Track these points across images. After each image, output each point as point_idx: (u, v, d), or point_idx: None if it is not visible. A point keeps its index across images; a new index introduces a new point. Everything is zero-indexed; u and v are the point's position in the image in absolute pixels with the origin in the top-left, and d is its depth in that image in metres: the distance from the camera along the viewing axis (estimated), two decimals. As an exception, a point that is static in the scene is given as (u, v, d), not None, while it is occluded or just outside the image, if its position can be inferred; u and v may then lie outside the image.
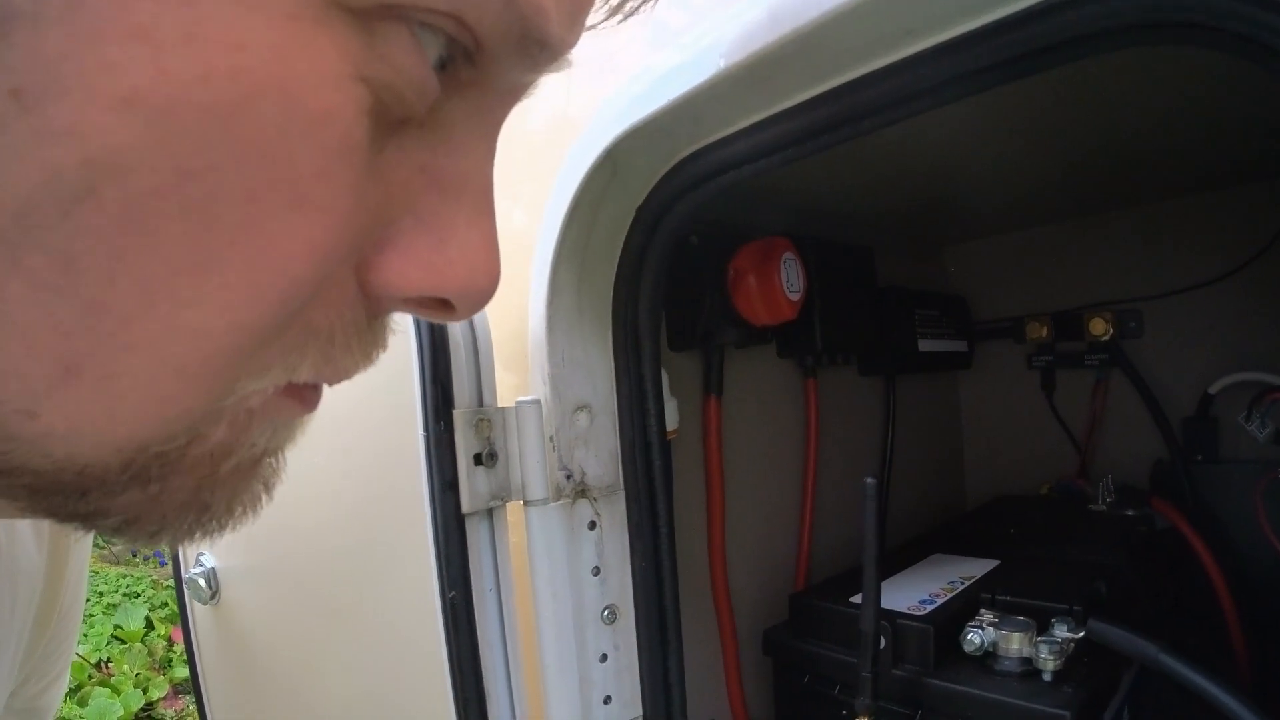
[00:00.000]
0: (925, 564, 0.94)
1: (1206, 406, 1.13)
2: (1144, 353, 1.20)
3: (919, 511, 1.27)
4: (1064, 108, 0.76)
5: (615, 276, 0.69)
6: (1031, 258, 1.32)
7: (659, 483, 0.71)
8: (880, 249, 1.17)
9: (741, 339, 0.86)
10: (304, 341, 0.25)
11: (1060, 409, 1.28)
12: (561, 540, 0.67)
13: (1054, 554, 0.95)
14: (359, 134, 0.22)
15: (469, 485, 0.62)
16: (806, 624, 0.86)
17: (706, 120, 0.58)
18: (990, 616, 0.76)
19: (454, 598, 0.63)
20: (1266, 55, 0.37)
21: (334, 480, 0.77)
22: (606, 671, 0.70)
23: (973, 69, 0.47)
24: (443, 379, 0.62)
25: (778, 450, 1.02)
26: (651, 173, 0.64)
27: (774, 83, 0.52)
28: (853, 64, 0.50)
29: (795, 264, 0.84)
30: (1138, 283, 1.19)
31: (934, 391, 1.37)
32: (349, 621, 0.80)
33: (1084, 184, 1.09)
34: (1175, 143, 0.90)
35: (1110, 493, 1.12)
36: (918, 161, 0.88)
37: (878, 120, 0.52)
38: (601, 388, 0.70)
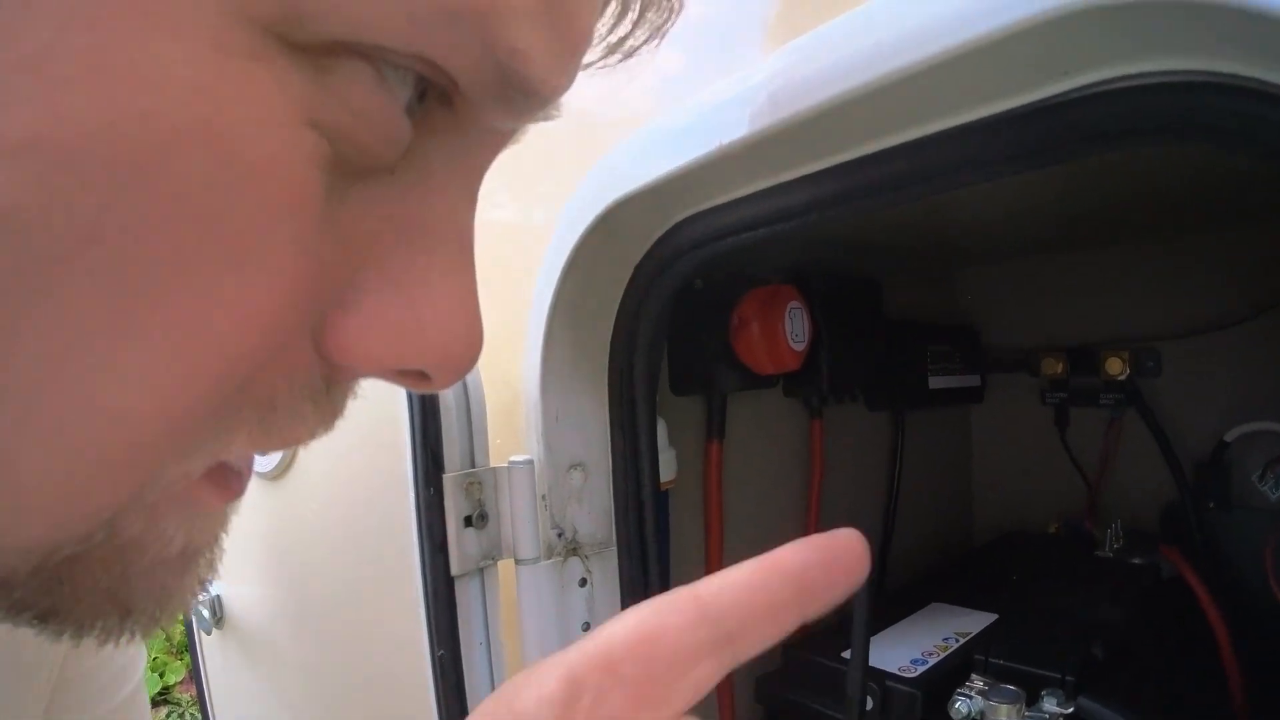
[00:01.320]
0: (922, 614, 0.93)
1: (1221, 453, 1.11)
2: (1161, 393, 1.18)
3: (926, 546, 1.26)
4: None
5: (611, 334, 0.68)
6: (1048, 287, 1.29)
7: (651, 538, 0.71)
8: (890, 274, 1.16)
9: (744, 384, 0.85)
10: (241, 416, 0.22)
11: (1073, 446, 1.27)
12: (551, 597, 0.67)
13: (1055, 605, 0.94)
14: (310, 186, 0.19)
15: (458, 548, 0.62)
16: (798, 675, 0.86)
17: (706, 188, 0.57)
18: (980, 684, 0.75)
19: (443, 656, 0.63)
20: None
21: (332, 532, 0.77)
22: (594, 726, 0.70)
23: (983, 157, 0.45)
24: (433, 444, 0.62)
25: (780, 492, 1.01)
26: (648, 234, 0.63)
27: (774, 159, 0.52)
28: (852, 145, 0.49)
29: (801, 313, 0.84)
30: (1158, 320, 1.17)
31: (944, 425, 1.35)
32: (346, 667, 0.81)
33: (1107, 215, 1.06)
34: (1204, 177, 0.87)
35: (1119, 538, 1.11)
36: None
37: (878, 200, 0.51)
38: (595, 445, 0.69)
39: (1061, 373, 1.22)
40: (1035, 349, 1.26)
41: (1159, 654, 0.92)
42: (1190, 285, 1.15)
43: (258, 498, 0.83)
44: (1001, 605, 0.94)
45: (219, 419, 0.21)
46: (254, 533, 0.88)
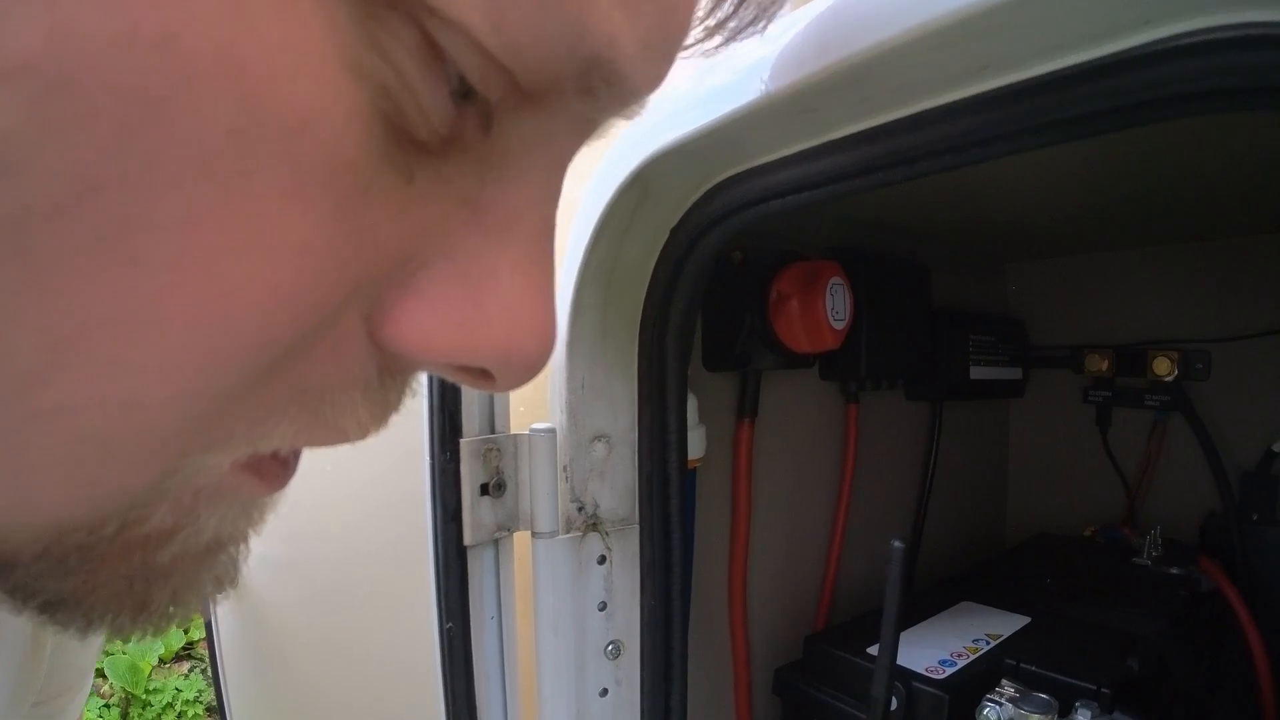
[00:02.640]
0: (952, 613, 0.90)
1: (1269, 464, 1.06)
2: (1208, 398, 1.13)
3: (957, 542, 1.23)
4: (1149, 133, 0.70)
5: (644, 301, 0.65)
6: (1098, 283, 1.25)
7: (675, 518, 0.68)
8: (939, 264, 1.12)
9: (780, 363, 0.82)
10: (284, 405, 0.20)
11: (1114, 448, 1.22)
12: (568, 574, 0.64)
13: (1090, 614, 0.90)
14: (353, 145, 0.16)
15: (472, 517, 0.60)
16: (819, 669, 0.83)
17: (746, 146, 0.53)
18: (1011, 690, 0.71)
19: (451, 629, 0.60)
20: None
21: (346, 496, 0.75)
22: (605, 706, 0.68)
23: (1046, 120, 0.42)
24: (450, 408, 0.59)
25: (811, 477, 0.98)
26: (685, 196, 0.60)
27: (821, 113, 0.48)
28: (909, 100, 0.45)
29: (843, 290, 0.80)
30: (1209, 322, 1.12)
31: (983, 418, 1.31)
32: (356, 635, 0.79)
33: (1162, 212, 1.02)
34: (1264, 178, 0.83)
35: (1157, 547, 1.07)
36: (982, 175, 0.82)
37: (936, 163, 0.47)
38: (622, 417, 0.66)
39: (1106, 371, 1.18)
40: (1081, 346, 1.21)
41: (1194, 672, 0.88)
42: (1244, 288, 1.10)
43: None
44: (1034, 609, 0.90)
45: (253, 408, 0.19)
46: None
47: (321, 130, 0.16)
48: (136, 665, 2.84)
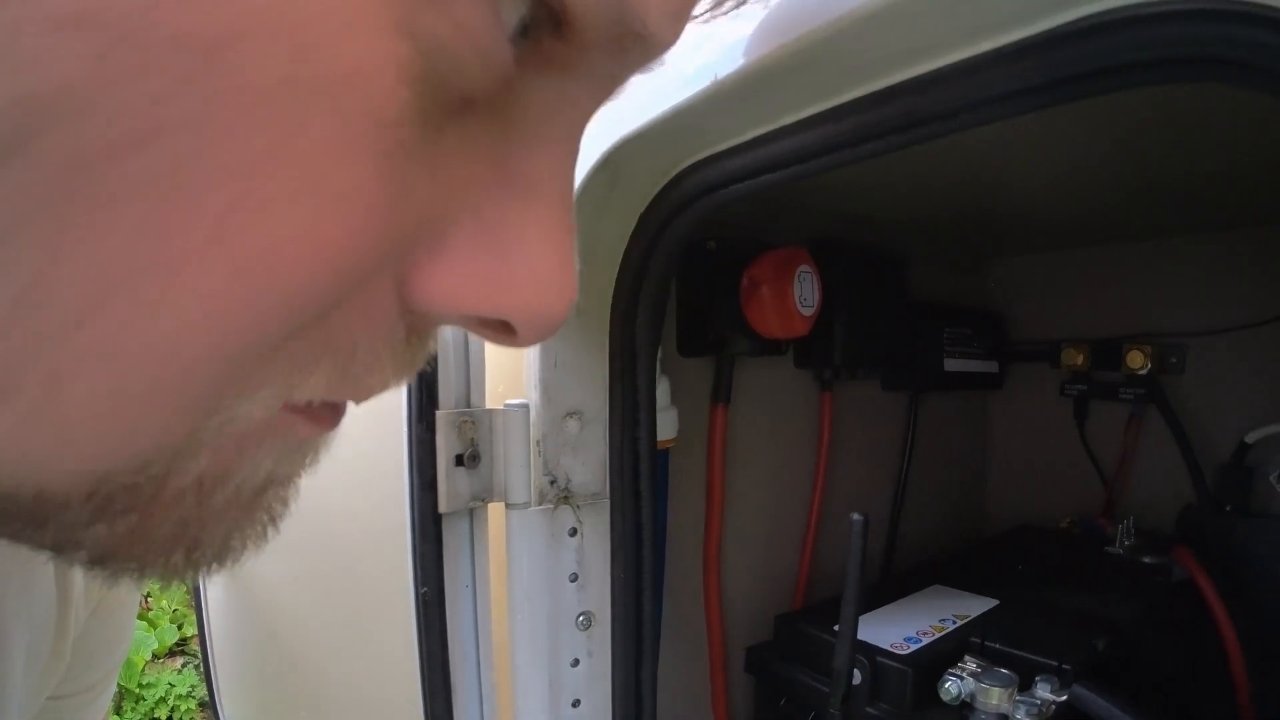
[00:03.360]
0: (922, 595, 0.92)
1: (1243, 455, 1.08)
2: (1184, 391, 1.15)
3: (938, 532, 1.25)
4: (1128, 131, 0.72)
5: (616, 283, 0.68)
6: (1078, 279, 1.27)
7: (645, 494, 0.70)
8: (921, 259, 1.15)
9: (753, 350, 0.84)
10: (315, 358, 0.20)
11: (1091, 441, 1.25)
12: (541, 544, 0.67)
13: (1060, 599, 0.92)
14: (400, 105, 0.17)
15: (448, 486, 0.62)
16: (789, 646, 0.85)
17: (708, 131, 0.56)
18: (973, 665, 0.74)
19: (426, 593, 0.63)
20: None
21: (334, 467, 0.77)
22: (578, 676, 0.70)
23: (996, 93, 0.44)
24: (428, 381, 0.62)
25: (787, 463, 1.00)
26: (654, 181, 0.62)
27: (775, 96, 0.50)
28: (857, 82, 0.48)
29: (811, 277, 0.82)
30: (1185, 316, 1.15)
31: (962, 411, 1.33)
32: (339, 602, 0.81)
33: (1142, 209, 1.04)
34: (1239, 176, 0.85)
35: (1131, 535, 1.09)
36: (964, 170, 0.85)
37: (884, 144, 0.50)
38: (595, 395, 0.69)
39: (1082, 364, 1.20)
40: (1059, 340, 1.24)
41: (1163, 654, 0.90)
42: (1220, 283, 1.12)
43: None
44: (1004, 593, 0.92)
45: (288, 359, 0.19)
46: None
47: (370, 86, 0.16)
48: (130, 660, 2.87)
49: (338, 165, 0.17)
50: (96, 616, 0.57)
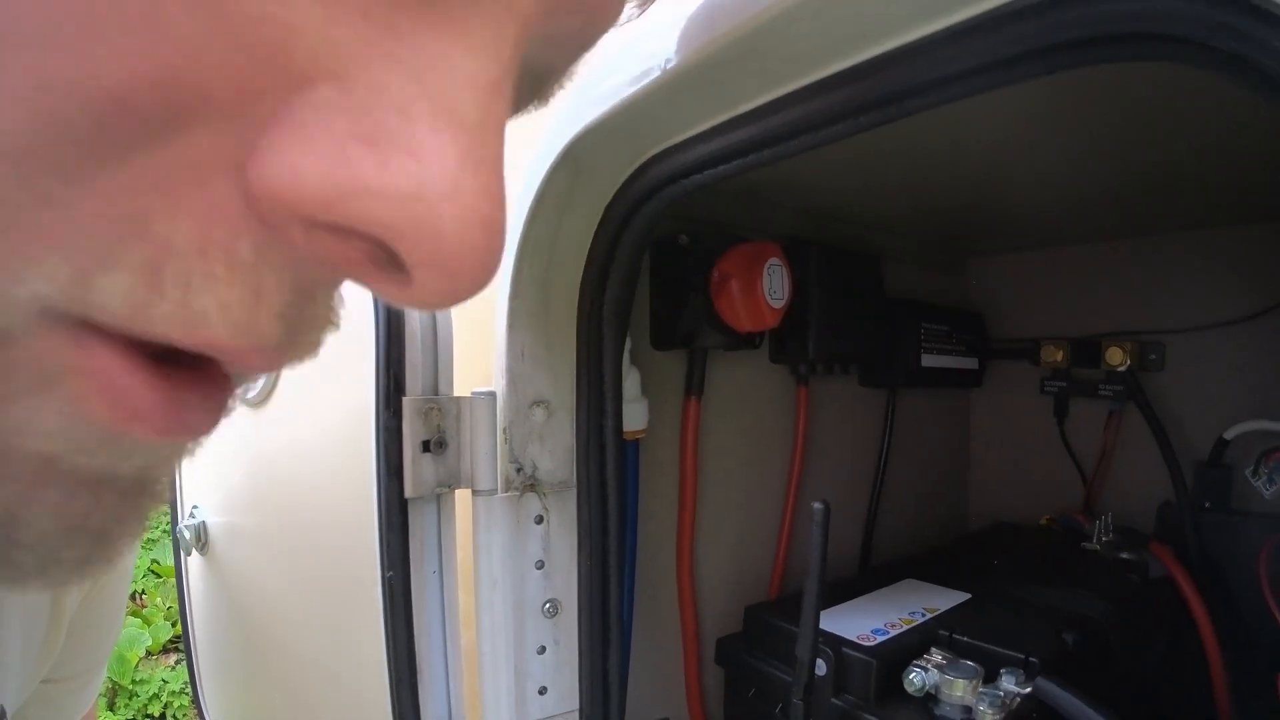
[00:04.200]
0: (894, 589, 0.93)
1: (1221, 452, 1.08)
2: (1163, 388, 1.16)
3: (918, 528, 1.26)
4: (1115, 128, 0.73)
5: (582, 275, 0.69)
6: (1057, 278, 1.28)
7: (612, 483, 0.71)
8: (900, 258, 1.16)
9: (725, 343, 0.85)
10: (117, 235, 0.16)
11: (1071, 438, 1.25)
12: (507, 531, 0.68)
13: (1033, 594, 0.92)
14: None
15: (414, 471, 0.63)
16: (758, 638, 0.86)
17: (665, 122, 0.57)
18: (939, 657, 0.74)
19: (391, 578, 0.64)
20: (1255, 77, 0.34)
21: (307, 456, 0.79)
22: (545, 663, 0.71)
23: (938, 76, 0.45)
24: (395, 368, 0.63)
25: (764, 457, 1.01)
26: (616, 174, 0.63)
27: (723, 87, 0.52)
28: (799, 72, 0.49)
29: (781, 270, 0.83)
30: (1165, 314, 1.15)
31: (942, 408, 1.34)
32: (314, 588, 0.82)
33: (1122, 206, 1.05)
34: (1216, 174, 0.86)
35: (1108, 531, 1.09)
36: (943, 170, 0.87)
37: (832, 131, 0.51)
38: (562, 385, 0.70)
39: (1061, 361, 1.21)
40: (1038, 338, 1.25)
41: (1137, 649, 0.90)
42: (1199, 281, 1.13)
43: (241, 424, 0.85)
44: (977, 588, 0.93)
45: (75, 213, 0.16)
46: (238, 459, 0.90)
47: None
48: (124, 656, 2.89)
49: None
50: (88, 603, 0.58)
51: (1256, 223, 1.07)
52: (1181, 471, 1.10)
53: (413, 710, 0.67)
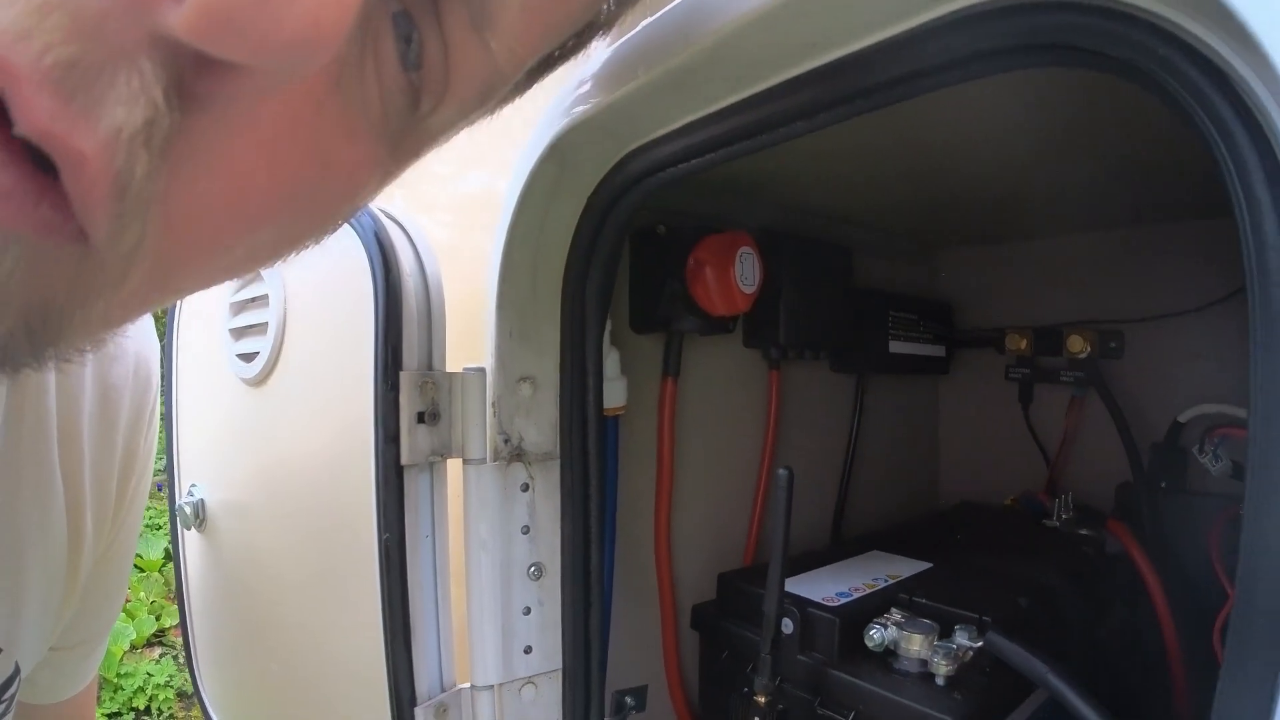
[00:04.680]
0: (859, 559, 0.98)
1: (1176, 434, 1.14)
2: (1123, 374, 1.22)
3: (886, 511, 1.31)
4: (1075, 126, 0.78)
5: (567, 260, 0.73)
6: (1023, 270, 1.34)
7: (593, 455, 0.76)
8: (872, 251, 1.21)
9: (700, 327, 0.90)
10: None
11: (1036, 423, 1.31)
12: (495, 498, 0.73)
13: (992, 564, 0.98)
14: None
15: (410, 440, 0.68)
16: (730, 603, 0.91)
17: (643, 120, 0.62)
18: (898, 616, 0.79)
19: (388, 540, 0.69)
20: (1160, 91, 0.38)
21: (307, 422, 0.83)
22: (530, 624, 0.76)
23: (869, 85, 0.50)
24: (393, 343, 0.68)
25: (738, 436, 1.07)
26: (599, 167, 0.68)
27: (697, 89, 0.56)
28: (762, 75, 0.54)
29: (752, 258, 0.89)
30: (1123, 304, 1.21)
31: (911, 394, 1.40)
32: (310, 556, 0.87)
33: (1084, 202, 1.11)
34: (1180, 168, 0.91)
35: (1068, 509, 1.15)
36: (909, 165, 0.92)
37: (794, 129, 0.56)
38: (547, 363, 0.75)
39: (1025, 349, 1.26)
40: (1003, 327, 1.30)
41: (1091, 618, 0.95)
42: (1157, 272, 1.19)
43: (240, 402, 0.90)
44: (938, 559, 0.98)
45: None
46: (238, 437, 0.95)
47: None
48: (109, 650, 2.91)
49: None
50: (100, 566, 0.62)
51: (1210, 217, 1.13)
52: (1139, 453, 1.16)
53: (406, 666, 0.71)
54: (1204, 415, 1.10)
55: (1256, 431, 0.33)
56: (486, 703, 0.75)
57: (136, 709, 2.91)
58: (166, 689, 2.96)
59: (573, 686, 0.78)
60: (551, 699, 0.78)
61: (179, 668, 3.03)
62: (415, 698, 0.72)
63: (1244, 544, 0.33)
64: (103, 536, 0.60)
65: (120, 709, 2.88)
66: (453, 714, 0.74)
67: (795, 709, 0.79)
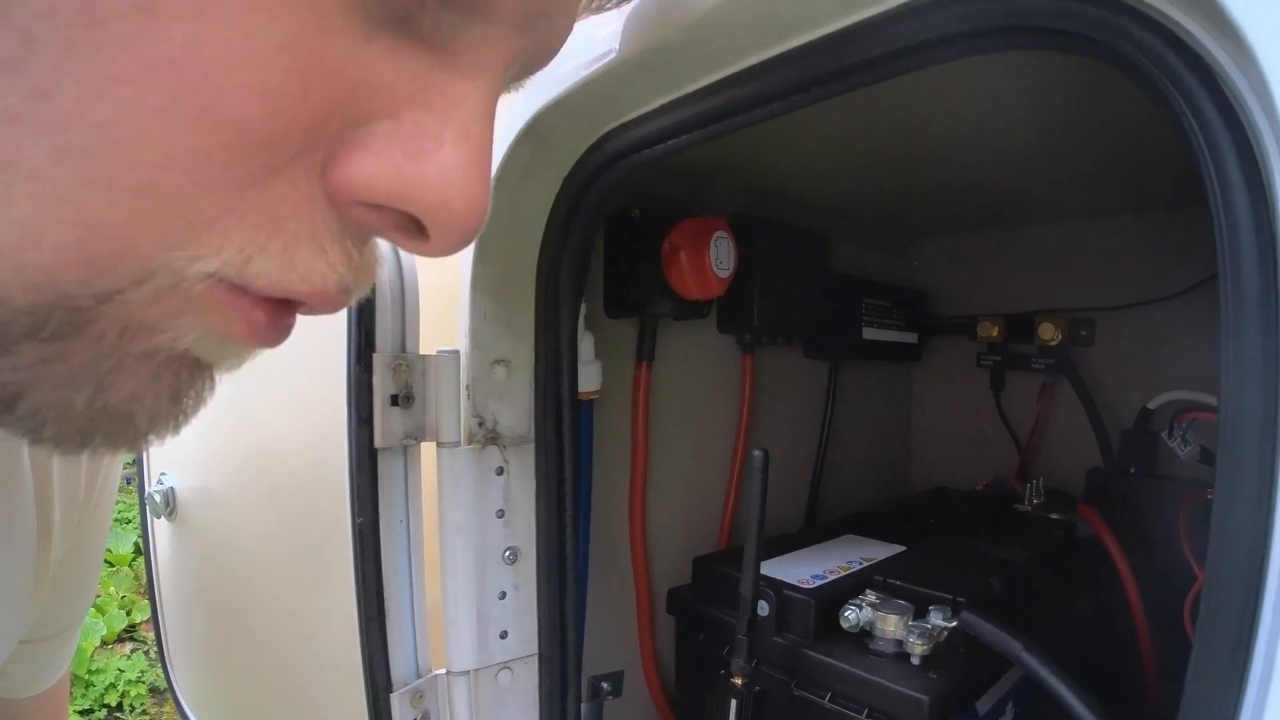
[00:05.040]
0: (834, 543, 0.99)
1: (1145, 420, 1.15)
2: (1093, 362, 1.23)
3: (860, 496, 1.32)
4: (1051, 118, 0.79)
5: (541, 242, 0.73)
6: (995, 259, 1.36)
7: (568, 438, 0.76)
8: (847, 239, 1.21)
9: (675, 311, 0.90)
10: (263, 229, 0.24)
11: (1008, 410, 1.32)
12: (469, 481, 0.72)
13: (965, 547, 0.99)
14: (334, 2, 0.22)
15: (383, 423, 0.68)
16: (706, 586, 0.91)
17: (620, 100, 0.62)
18: (873, 597, 0.80)
19: (362, 523, 0.68)
20: (1127, 65, 0.38)
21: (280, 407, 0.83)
22: (505, 608, 0.76)
23: (843, 66, 0.50)
24: (367, 325, 0.67)
25: (712, 421, 1.07)
26: (575, 148, 0.68)
27: (672, 70, 0.56)
28: (738, 56, 0.54)
29: (727, 242, 0.89)
30: (1094, 292, 1.23)
31: (884, 381, 1.41)
32: (284, 543, 0.86)
33: (1056, 192, 1.13)
34: (1149, 161, 0.92)
35: (1040, 494, 1.16)
36: (888, 151, 0.92)
37: (767, 110, 0.55)
38: (521, 345, 0.74)
39: (997, 336, 1.27)
40: (975, 315, 1.32)
41: (1061, 597, 0.96)
42: (1125, 262, 1.21)
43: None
44: (912, 542, 0.99)
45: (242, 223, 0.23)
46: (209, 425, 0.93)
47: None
48: (79, 646, 2.87)
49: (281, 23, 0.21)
50: (71, 557, 0.61)
51: (1179, 208, 1.14)
52: (1109, 439, 1.17)
53: (381, 652, 0.71)
54: (1173, 401, 1.12)
55: (1227, 408, 0.33)
56: (462, 688, 0.75)
57: (109, 706, 2.88)
58: (139, 685, 2.93)
59: (549, 671, 0.78)
60: (528, 684, 0.78)
61: (150, 663, 3.00)
62: (391, 684, 0.71)
63: (1215, 518, 0.34)
64: (72, 525, 0.59)
65: (92, 705, 2.84)
66: (429, 700, 0.74)
67: (772, 690, 0.80)
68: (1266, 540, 0.32)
